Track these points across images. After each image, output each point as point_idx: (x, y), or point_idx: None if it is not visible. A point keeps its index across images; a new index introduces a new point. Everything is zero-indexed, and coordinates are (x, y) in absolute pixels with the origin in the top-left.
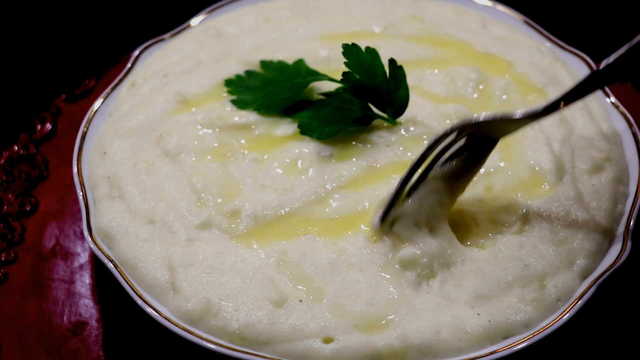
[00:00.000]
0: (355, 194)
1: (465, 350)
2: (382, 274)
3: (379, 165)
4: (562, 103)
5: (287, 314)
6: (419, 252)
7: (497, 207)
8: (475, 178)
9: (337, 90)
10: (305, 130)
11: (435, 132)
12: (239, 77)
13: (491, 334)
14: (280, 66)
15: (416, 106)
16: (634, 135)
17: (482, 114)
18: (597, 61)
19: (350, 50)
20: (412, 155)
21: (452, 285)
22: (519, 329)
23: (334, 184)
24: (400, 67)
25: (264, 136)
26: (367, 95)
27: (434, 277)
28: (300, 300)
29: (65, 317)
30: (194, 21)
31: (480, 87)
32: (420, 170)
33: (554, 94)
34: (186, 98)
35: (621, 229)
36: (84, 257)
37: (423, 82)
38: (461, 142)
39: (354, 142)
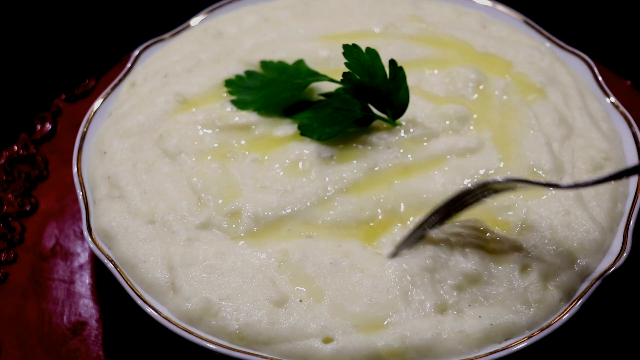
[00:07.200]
0: (357, 198)
1: (466, 353)
2: (383, 274)
3: (378, 168)
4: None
5: (287, 313)
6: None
7: (498, 207)
8: (475, 179)
9: (337, 90)
10: (305, 131)
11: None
12: (239, 77)
13: (492, 336)
14: (280, 66)
15: (416, 107)
16: (634, 135)
17: (505, 177)
18: (597, 61)
19: (350, 51)
20: (412, 158)
21: (453, 288)
22: (521, 331)
23: (336, 187)
24: (401, 68)
25: (264, 137)
26: (367, 96)
27: (435, 279)
28: (301, 300)
29: (65, 317)
30: (194, 21)
31: (480, 87)
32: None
33: (553, 94)
34: (186, 98)
35: (621, 228)
36: (84, 257)
37: (423, 82)
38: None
39: (354, 144)
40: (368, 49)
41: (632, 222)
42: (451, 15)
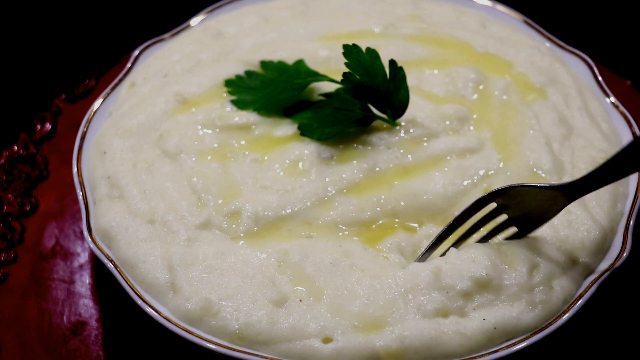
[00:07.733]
0: (357, 199)
1: (466, 354)
2: (383, 274)
3: (379, 169)
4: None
5: (287, 313)
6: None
7: None
8: (474, 179)
9: (337, 90)
10: (305, 131)
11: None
12: (239, 77)
13: (494, 338)
14: (280, 66)
15: (416, 107)
16: (634, 135)
17: (514, 184)
18: (597, 61)
19: (350, 51)
20: (412, 158)
21: (459, 293)
22: (523, 332)
23: (336, 187)
24: (401, 68)
25: (264, 137)
26: (367, 96)
27: (442, 284)
28: (300, 300)
29: (65, 317)
30: (194, 21)
31: (480, 87)
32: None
33: (553, 94)
34: (186, 98)
35: (621, 228)
36: (83, 257)
37: (423, 82)
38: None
39: (354, 144)
40: (368, 49)
41: (632, 222)
42: (451, 15)
